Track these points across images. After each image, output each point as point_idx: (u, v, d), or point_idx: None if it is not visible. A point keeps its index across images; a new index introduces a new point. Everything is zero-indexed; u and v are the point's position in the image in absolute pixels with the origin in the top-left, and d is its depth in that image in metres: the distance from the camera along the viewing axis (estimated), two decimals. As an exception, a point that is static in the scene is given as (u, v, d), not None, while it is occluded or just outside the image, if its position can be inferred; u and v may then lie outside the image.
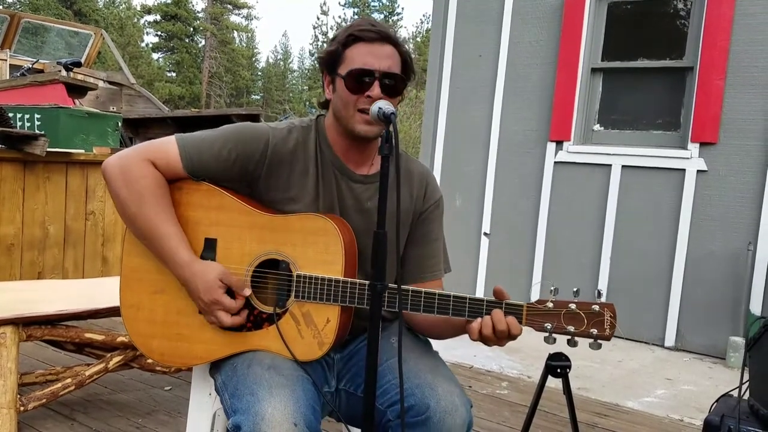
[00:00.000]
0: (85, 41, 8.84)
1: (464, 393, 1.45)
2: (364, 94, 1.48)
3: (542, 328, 1.37)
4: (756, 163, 4.08)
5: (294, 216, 1.50)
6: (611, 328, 1.34)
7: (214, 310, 1.46)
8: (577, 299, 1.37)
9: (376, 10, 45.35)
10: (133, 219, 1.50)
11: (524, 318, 1.38)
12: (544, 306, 1.37)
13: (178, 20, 43.00)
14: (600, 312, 1.34)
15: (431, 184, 1.70)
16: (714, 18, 4.17)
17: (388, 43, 1.52)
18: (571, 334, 1.36)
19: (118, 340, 2.64)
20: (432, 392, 1.40)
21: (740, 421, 1.91)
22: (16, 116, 4.28)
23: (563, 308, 1.36)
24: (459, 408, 1.40)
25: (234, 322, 1.47)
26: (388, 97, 1.48)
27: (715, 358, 4.15)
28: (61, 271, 4.07)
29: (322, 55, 1.58)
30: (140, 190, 1.48)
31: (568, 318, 1.36)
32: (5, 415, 2.33)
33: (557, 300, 1.37)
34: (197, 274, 1.46)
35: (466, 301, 1.40)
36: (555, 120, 4.74)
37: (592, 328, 1.34)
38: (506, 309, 1.38)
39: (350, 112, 1.51)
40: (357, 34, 1.51)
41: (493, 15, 5.03)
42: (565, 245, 4.73)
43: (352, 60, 1.50)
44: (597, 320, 1.34)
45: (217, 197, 1.53)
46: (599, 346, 1.35)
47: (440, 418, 1.38)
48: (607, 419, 3.02)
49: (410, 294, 1.43)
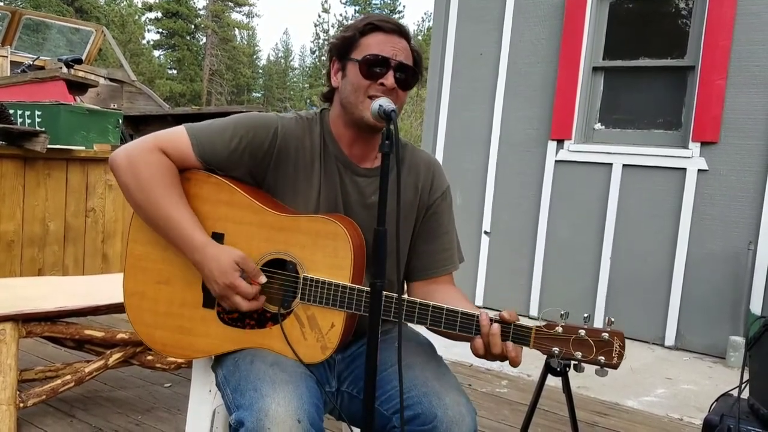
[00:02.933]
0: (86, 38, 8.83)
1: (470, 401, 1.44)
2: (377, 81, 1.48)
3: (550, 352, 1.35)
4: (757, 162, 4.07)
5: (304, 217, 1.48)
6: (619, 357, 1.33)
7: (230, 294, 1.43)
8: (586, 325, 1.35)
9: (377, 8, 45.30)
10: (145, 206, 1.47)
11: (532, 341, 1.36)
12: (553, 330, 1.35)
13: (179, 17, 43.00)
14: (609, 340, 1.34)
15: (437, 174, 1.67)
16: (715, 17, 4.16)
17: (404, 38, 1.53)
18: (578, 360, 1.35)
19: (117, 337, 2.64)
20: (439, 402, 1.39)
21: (740, 420, 1.91)
22: (17, 113, 4.28)
23: (573, 334, 1.35)
24: (466, 417, 1.39)
25: (251, 306, 1.44)
26: (399, 88, 1.49)
27: (715, 357, 4.15)
28: (62, 268, 4.07)
29: (334, 40, 1.57)
30: (150, 176, 1.46)
31: (577, 344, 1.35)
32: (5, 412, 2.33)
33: (567, 325, 1.35)
34: (212, 258, 1.43)
35: (474, 319, 1.38)
36: (556, 119, 4.74)
37: (600, 355, 1.33)
38: (514, 331, 1.36)
39: (360, 98, 1.49)
40: (376, 23, 1.52)
41: (495, 14, 5.02)
42: (566, 244, 4.73)
43: (368, 46, 1.50)
44: (606, 349, 1.33)
45: (227, 192, 1.51)
46: (606, 373, 1.34)
47: (447, 428, 1.37)
48: (607, 418, 3.02)
49: (417, 307, 1.40)
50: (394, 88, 1.48)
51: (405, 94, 1.52)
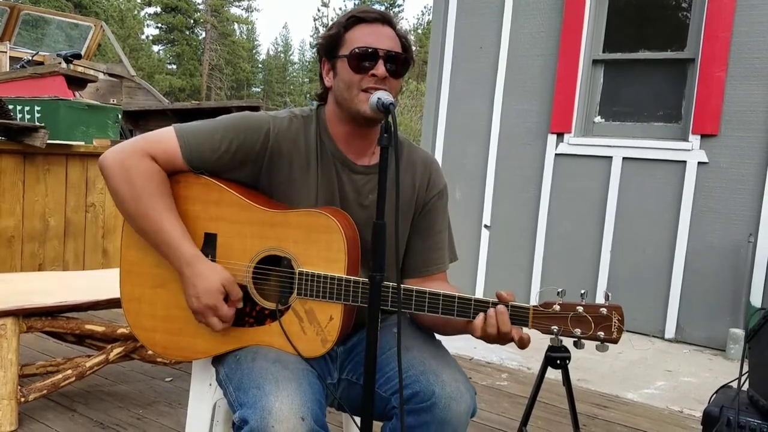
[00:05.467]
0: (85, 33, 8.82)
1: (468, 381, 1.45)
2: (368, 73, 1.46)
3: (549, 330, 1.36)
4: (757, 154, 4.07)
5: (294, 212, 1.47)
6: (618, 331, 1.34)
7: (208, 314, 1.44)
8: (584, 302, 1.35)
9: (377, 2, 45.20)
10: (134, 215, 1.47)
11: (530, 321, 1.36)
12: (550, 309, 1.35)
13: (178, 12, 42.93)
14: (608, 315, 1.34)
15: (434, 173, 1.66)
16: (715, 9, 4.15)
17: (390, 26, 1.52)
18: (578, 337, 1.35)
19: (118, 332, 2.64)
20: (437, 378, 1.40)
21: (739, 412, 1.91)
22: (16, 108, 4.28)
23: (570, 311, 1.35)
24: (464, 394, 1.40)
25: (221, 328, 1.46)
26: (391, 77, 1.48)
27: (715, 349, 4.15)
28: (62, 263, 4.08)
29: (321, 40, 1.56)
30: (140, 185, 1.45)
31: (575, 321, 1.35)
32: (6, 406, 2.34)
33: (564, 302, 1.35)
34: (200, 275, 1.43)
35: (471, 302, 1.38)
36: (556, 112, 4.73)
37: (599, 331, 1.34)
38: (512, 312, 1.36)
39: (354, 93, 1.48)
40: (358, 15, 1.51)
41: (494, 7, 5.01)
42: (566, 237, 4.73)
43: (354, 40, 1.49)
44: (604, 324, 1.34)
45: (216, 191, 1.50)
46: (606, 348, 1.35)
47: (445, 404, 1.37)
48: (607, 411, 3.02)
49: (414, 294, 1.41)
50: (386, 77, 1.47)
51: (398, 81, 1.51)
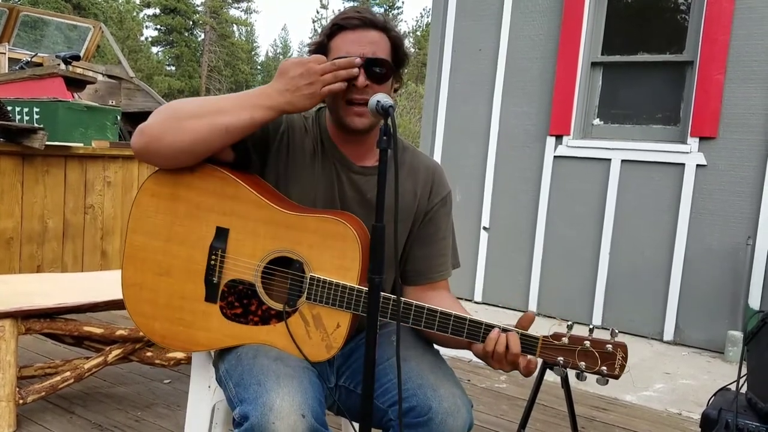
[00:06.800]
0: (83, 35, 8.80)
1: (465, 394, 1.45)
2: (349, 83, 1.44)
3: (555, 361, 1.39)
4: (755, 157, 4.08)
5: (312, 216, 1.46)
6: (621, 368, 1.38)
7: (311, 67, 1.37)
8: (591, 336, 1.39)
9: (375, 4, 45.18)
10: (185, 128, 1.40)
11: (538, 350, 1.39)
12: (559, 341, 1.39)
13: (177, 14, 42.90)
14: (612, 352, 1.37)
15: (438, 181, 1.64)
16: (714, 12, 4.16)
17: (373, 29, 1.47)
18: (582, 370, 1.39)
19: (117, 334, 2.64)
20: (434, 393, 1.39)
21: (738, 414, 1.92)
22: (15, 109, 4.28)
23: (578, 345, 1.38)
24: (461, 409, 1.40)
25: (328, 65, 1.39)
26: (374, 83, 1.45)
27: (713, 352, 4.16)
28: (60, 265, 4.07)
29: (310, 48, 1.55)
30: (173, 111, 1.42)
31: (582, 355, 1.38)
32: (4, 408, 2.33)
33: (572, 335, 1.39)
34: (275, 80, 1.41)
35: (481, 326, 1.40)
36: (555, 114, 4.74)
37: (603, 366, 1.38)
38: (522, 341, 1.38)
39: (339, 104, 1.48)
40: (340, 23, 1.48)
41: (493, 9, 5.02)
42: (565, 239, 4.73)
43: (335, 50, 1.47)
44: (609, 360, 1.38)
45: (233, 186, 1.49)
46: (606, 382, 1.39)
47: (442, 419, 1.37)
48: (606, 413, 3.02)
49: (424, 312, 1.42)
50: (368, 85, 1.44)
51: (383, 86, 1.47)
